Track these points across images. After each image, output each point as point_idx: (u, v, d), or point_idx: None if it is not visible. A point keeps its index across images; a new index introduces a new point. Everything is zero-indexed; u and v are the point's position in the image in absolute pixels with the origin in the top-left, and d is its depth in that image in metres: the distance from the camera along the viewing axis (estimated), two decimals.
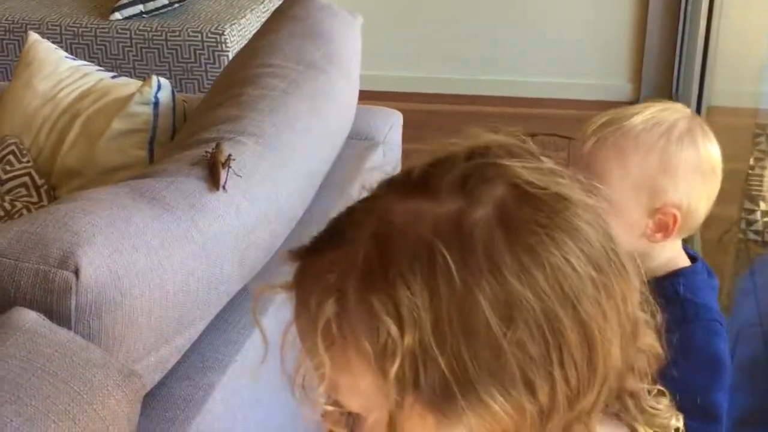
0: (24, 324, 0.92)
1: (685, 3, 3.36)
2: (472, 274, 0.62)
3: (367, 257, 0.65)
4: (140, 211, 1.10)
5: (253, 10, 3.15)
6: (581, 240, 0.66)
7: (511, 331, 0.62)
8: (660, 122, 1.18)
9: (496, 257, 0.63)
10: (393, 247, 0.64)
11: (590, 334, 0.65)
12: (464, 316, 0.62)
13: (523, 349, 0.63)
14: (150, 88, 1.71)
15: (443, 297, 0.62)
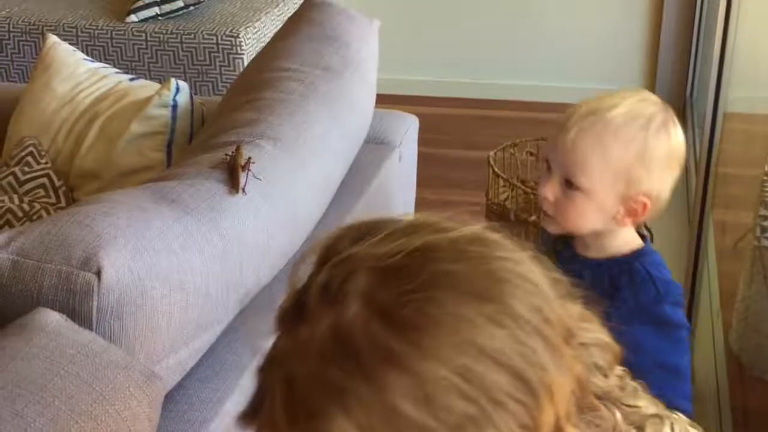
0: (47, 325, 0.93)
1: (700, 10, 3.36)
2: (372, 378, 0.60)
3: (287, 411, 0.64)
4: (161, 214, 1.11)
5: (268, 13, 3.17)
6: (458, 282, 0.62)
7: (436, 409, 0.60)
8: (638, 115, 1.26)
9: (384, 348, 0.60)
10: (300, 395, 0.63)
11: (515, 371, 0.62)
12: (388, 418, 0.60)
13: (458, 416, 0.60)
14: (168, 91, 1.71)
15: (362, 414, 0.60)
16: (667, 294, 1.34)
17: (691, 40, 3.43)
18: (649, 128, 1.26)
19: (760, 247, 2.24)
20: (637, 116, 1.26)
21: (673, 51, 3.48)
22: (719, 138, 2.13)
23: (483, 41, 3.50)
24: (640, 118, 1.26)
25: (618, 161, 1.24)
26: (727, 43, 2.05)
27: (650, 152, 1.25)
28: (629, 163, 1.24)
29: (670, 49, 3.48)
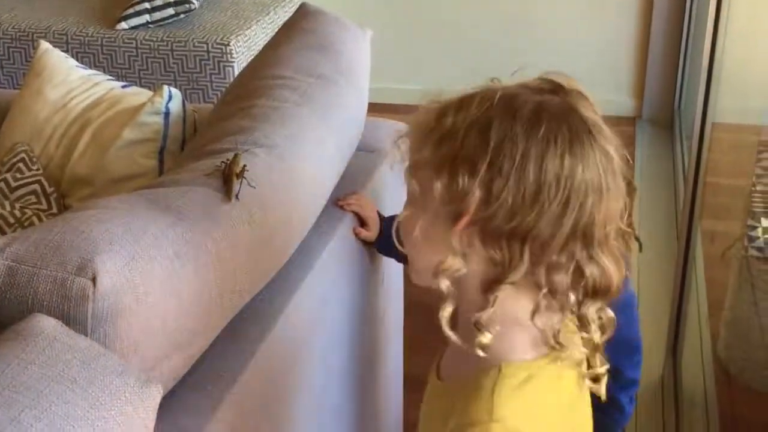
0: (43, 330, 0.93)
1: (688, 20, 3.39)
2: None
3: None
4: (156, 220, 1.11)
5: (259, 21, 3.17)
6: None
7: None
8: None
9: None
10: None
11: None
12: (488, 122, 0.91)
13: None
14: (161, 98, 1.72)
15: (482, 116, 0.93)
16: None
17: (679, 51, 3.46)
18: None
19: (748, 257, 2.26)
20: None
21: (662, 62, 3.50)
22: (707, 148, 2.15)
23: (475, 50, 3.52)
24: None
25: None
26: (716, 53, 2.07)
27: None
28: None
29: (658, 60, 3.51)
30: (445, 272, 0.94)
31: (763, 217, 2.45)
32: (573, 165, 0.91)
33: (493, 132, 0.91)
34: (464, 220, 0.92)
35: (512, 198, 0.90)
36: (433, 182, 0.93)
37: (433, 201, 0.94)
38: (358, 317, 1.65)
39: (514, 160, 0.90)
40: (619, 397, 1.45)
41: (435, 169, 0.93)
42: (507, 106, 0.92)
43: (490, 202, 0.91)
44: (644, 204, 2.98)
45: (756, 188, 2.55)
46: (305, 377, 1.44)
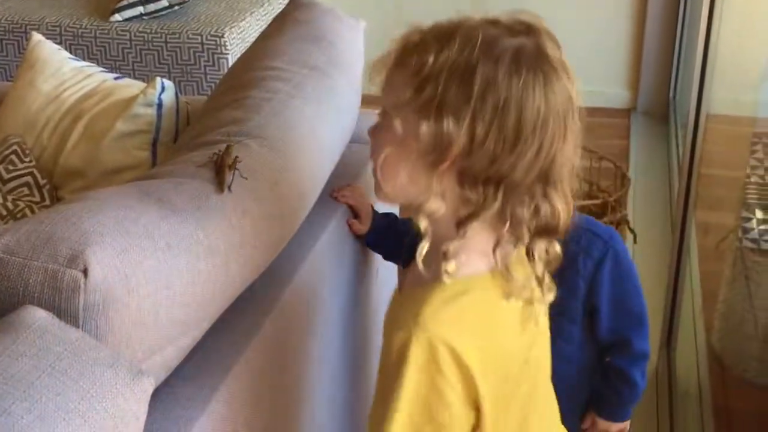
0: (34, 322, 0.93)
1: (683, 14, 3.38)
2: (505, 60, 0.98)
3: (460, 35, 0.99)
4: (148, 212, 1.11)
5: (253, 13, 3.17)
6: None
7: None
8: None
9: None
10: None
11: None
12: (463, 75, 0.96)
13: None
14: (154, 89, 1.71)
15: (463, 57, 0.97)
16: (612, 239, 1.43)
17: (674, 43, 3.45)
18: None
19: (742, 248, 2.26)
20: None
21: (657, 54, 3.50)
22: (702, 139, 2.15)
23: None
24: None
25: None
26: (710, 45, 2.07)
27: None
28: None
29: (653, 52, 3.50)
30: (426, 213, 1.00)
31: (758, 208, 2.45)
32: (546, 112, 0.97)
33: (477, 78, 0.95)
34: (446, 164, 0.97)
35: (494, 145, 0.96)
36: (417, 125, 0.97)
37: (415, 142, 0.98)
38: (352, 309, 1.65)
39: (497, 108, 0.95)
40: (631, 371, 1.46)
41: (418, 112, 0.97)
42: (489, 51, 0.96)
43: (473, 148, 0.96)
44: (639, 195, 2.98)
45: (750, 180, 2.55)
46: (298, 369, 1.44)
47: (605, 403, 1.51)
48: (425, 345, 0.99)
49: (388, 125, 1.01)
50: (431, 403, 1.01)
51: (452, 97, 0.96)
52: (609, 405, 1.51)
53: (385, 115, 1.03)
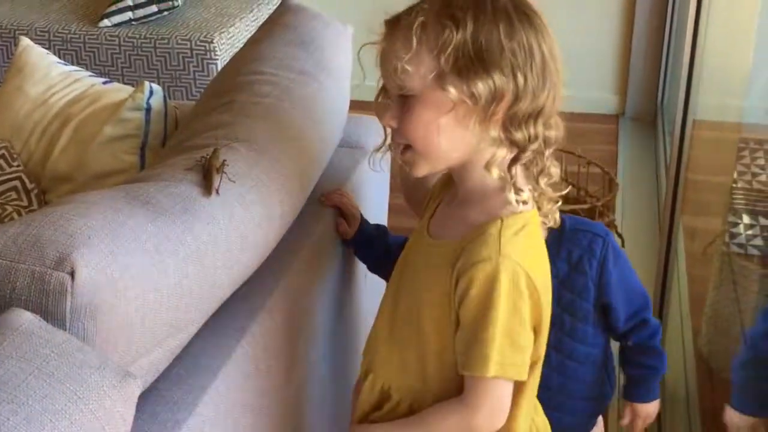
0: (20, 325, 0.93)
1: (671, 18, 3.40)
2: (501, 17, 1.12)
3: (438, 2, 1.12)
4: (135, 215, 1.11)
5: (242, 18, 3.17)
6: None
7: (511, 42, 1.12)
8: None
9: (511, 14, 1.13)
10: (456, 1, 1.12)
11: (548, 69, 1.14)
12: (490, 38, 1.11)
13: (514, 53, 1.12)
14: (142, 93, 1.71)
15: (481, 21, 1.11)
16: (608, 234, 1.45)
17: (662, 48, 3.47)
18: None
19: (729, 253, 2.28)
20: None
21: (644, 61, 3.52)
22: (689, 145, 2.16)
23: None
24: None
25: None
26: (696, 52, 2.09)
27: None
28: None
29: (641, 59, 3.52)
30: (497, 163, 1.16)
31: (745, 213, 2.46)
32: (552, 46, 1.16)
33: (501, 33, 1.12)
34: (499, 114, 1.13)
35: (534, 83, 1.13)
36: (469, 87, 1.11)
37: (469, 103, 1.11)
38: (340, 312, 1.65)
39: (525, 52, 1.12)
40: (655, 343, 1.52)
41: (463, 77, 1.11)
42: (496, 9, 1.13)
43: (519, 93, 1.12)
44: (627, 200, 2.99)
45: (737, 185, 2.56)
46: (286, 372, 1.44)
47: (639, 385, 1.56)
48: (510, 272, 1.13)
49: (423, 103, 1.13)
50: (514, 327, 1.15)
51: (488, 55, 1.11)
52: (644, 384, 1.55)
53: (409, 98, 1.14)
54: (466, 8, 1.11)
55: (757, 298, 2.16)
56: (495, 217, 1.16)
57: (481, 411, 1.18)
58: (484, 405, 1.18)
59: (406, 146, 1.18)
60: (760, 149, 2.76)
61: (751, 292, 2.21)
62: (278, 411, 1.42)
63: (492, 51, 1.11)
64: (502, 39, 1.11)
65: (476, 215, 1.18)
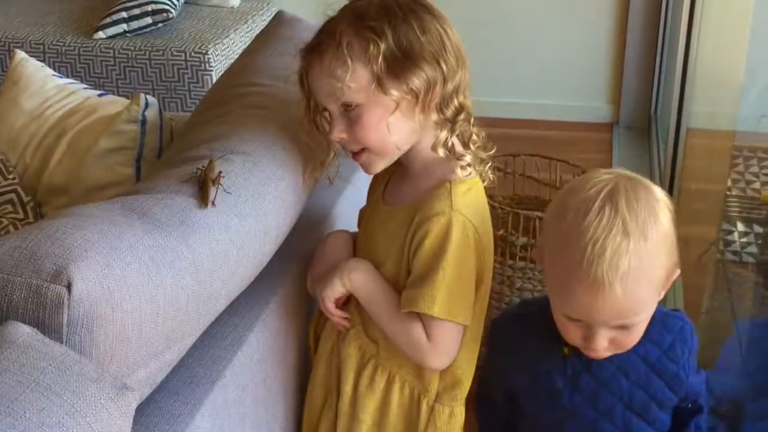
0: (17, 338, 0.93)
1: (663, 27, 3.41)
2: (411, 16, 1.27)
3: (352, 19, 1.27)
4: (131, 227, 1.11)
5: (237, 30, 3.18)
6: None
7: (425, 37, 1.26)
8: (640, 218, 1.15)
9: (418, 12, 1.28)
10: (367, 13, 1.26)
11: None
12: (409, 37, 1.25)
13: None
14: (137, 106, 1.72)
15: (396, 25, 1.25)
16: (685, 316, 1.34)
17: (655, 57, 3.48)
18: (655, 220, 1.16)
19: (723, 261, 2.28)
20: (640, 219, 1.15)
21: (638, 69, 3.53)
22: (683, 153, 2.17)
23: None
24: (646, 219, 1.15)
25: (660, 271, 1.17)
26: (689, 61, 2.10)
27: (670, 237, 1.18)
28: (668, 266, 1.19)
29: (635, 67, 3.53)
30: (443, 143, 1.30)
31: (739, 221, 2.47)
32: (450, 28, 1.31)
33: (416, 30, 1.26)
34: (436, 99, 1.27)
35: (452, 66, 1.28)
36: (407, 84, 1.25)
37: (410, 97, 1.26)
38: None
39: (440, 42, 1.27)
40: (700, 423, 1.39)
41: (398, 76, 1.24)
42: (407, 7, 1.27)
43: (446, 77, 1.28)
44: None
45: (731, 193, 2.57)
46: (282, 382, 1.44)
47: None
48: (461, 225, 1.28)
49: (369, 109, 1.27)
50: (461, 274, 1.29)
51: (412, 51, 1.25)
52: None
53: (354, 109, 1.27)
54: (379, 18, 1.25)
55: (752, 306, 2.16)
56: (444, 181, 1.31)
57: (431, 349, 1.31)
58: (434, 344, 1.31)
59: (360, 150, 1.32)
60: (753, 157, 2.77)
61: (747, 300, 2.21)
62: (275, 422, 1.42)
63: (414, 47, 1.25)
64: (418, 34, 1.26)
65: (427, 183, 1.33)
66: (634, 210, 1.14)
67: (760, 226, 2.40)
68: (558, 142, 3.33)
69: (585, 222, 1.13)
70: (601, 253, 1.11)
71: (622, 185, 1.17)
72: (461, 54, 1.31)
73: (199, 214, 1.20)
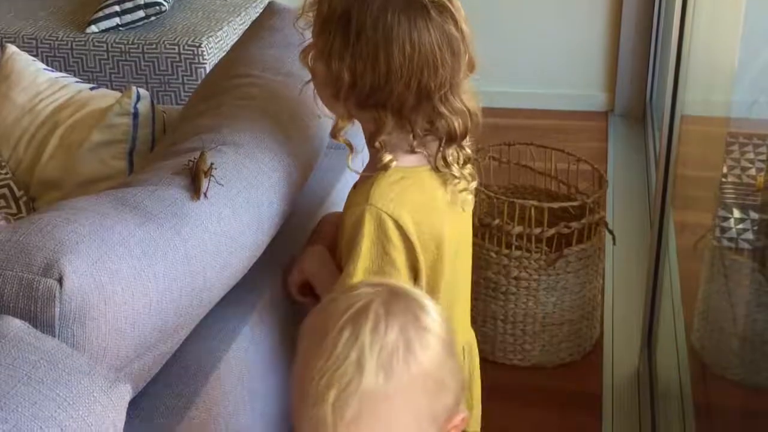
0: (9, 332, 0.93)
1: (658, 15, 3.41)
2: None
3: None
4: (123, 220, 1.11)
5: (230, 22, 3.16)
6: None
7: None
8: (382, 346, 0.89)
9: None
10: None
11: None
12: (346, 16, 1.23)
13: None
14: (129, 99, 1.71)
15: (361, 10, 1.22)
16: None
17: (650, 45, 3.48)
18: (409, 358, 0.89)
19: (720, 247, 2.28)
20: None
21: (633, 57, 3.52)
22: (677, 140, 2.16)
23: None
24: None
25: (417, 425, 0.91)
26: (683, 48, 2.09)
27: (434, 377, 0.91)
28: (432, 413, 0.92)
29: (629, 55, 3.53)
30: (338, 131, 1.35)
31: (735, 208, 2.46)
32: (412, 50, 1.21)
33: (352, 26, 1.21)
34: (341, 96, 1.26)
35: (370, 79, 1.22)
36: (322, 68, 1.26)
37: (321, 80, 1.28)
38: None
39: (368, 50, 1.21)
40: None
41: (319, 57, 1.26)
42: (362, 1, 1.21)
43: (355, 83, 1.23)
44: (617, 197, 2.99)
45: (727, 179, 2.56)
46: (279, 376, 1.44)
47: None
48: (375, 218, 1.24)
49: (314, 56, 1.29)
50: (383, 268, 1.25)
51: (337, 43, 1.23)
52: None
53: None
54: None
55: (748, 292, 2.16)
56: (375, 170, 1.30)
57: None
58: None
59: None
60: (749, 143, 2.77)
61: (743, 286, 2.21)
62: (271, 414, 1.42)
63: (340, 40, 1.23)
64: (351, 31, 1.22)
65: (369, 170, 1.33)
66: (380, 339, 0.88)
67: (756, 212, 2.39)
68: (553, 131, 3.32)
69: (319, 348, 0.89)
70: (325, 391, 0.87)
71: (378, 304, 0.91)
72: (402, 71, 1.21)
73: (192, 206, 1.19)
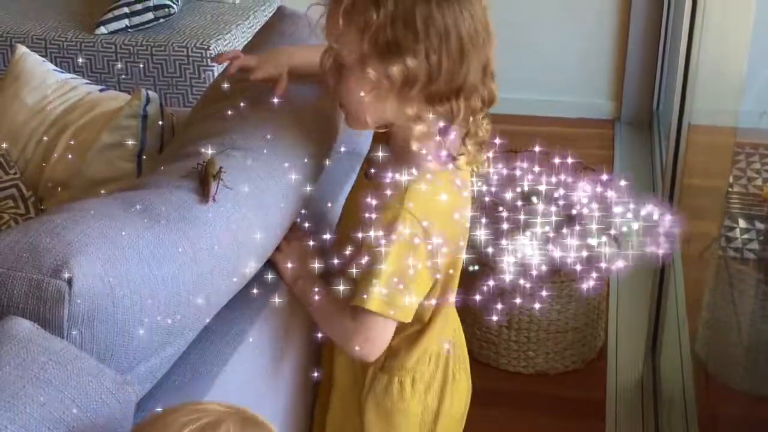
0: (18, 333, 0.93)
1: (666, 23, 3.41)
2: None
3: None
4: (132, 222, 1.11)
5: (239, 25, 3.17)
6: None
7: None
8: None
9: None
10: None
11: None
12: (405, 17, 1.20)
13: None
14: (138, 101, 1.72)
15: (400, 3, 1.19)
16: None
17: (657, 53, 3.48)
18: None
19: (725, 257, 2.28)
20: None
21: (640, 65, 3.53)
22: (684, 150, 2.16)
23: None
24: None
25: None
26: (691, 56, 2.09)
27: None
28: None
29: (637, 63, 3.53)
30: (419, 138, 1.27)
31: (741, 218, 2.46)
32: (475, 26, 1.24)
33: (417, 19, 1.20)
34: (414, 92, 1.23)
35: (447, 65, 1.22)
36: (386, 69, 1.21)
37: (387, 82, 1.22)
38: None
39: (440, 37, 1.21)
40: None
41: (382, 59, 1.21)
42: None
43: (432, 73, 1.22)
44: None
45: (733, 189, 2.56)
46: (284, 378, 1.44)
47: None
48: (408, 223, 1.26)
49: (349, 76, 1.25)
50: (405, 271, 1.27)
51: (404, 39, 1.20)
52: None
53: (344, 67, 1.26)
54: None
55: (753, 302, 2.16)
56: (410, 171, 1.29)
57: (357, 338, 1.31)
58: (360, 334, 1.31)
59: (340, 104, 1.33)
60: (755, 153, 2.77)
61: (748, 296, 2.21)
62: (278, 416, 1.42)
63: (407, 35, 1.20)
64: (418, 23, 1.20)
65: (400, 167, 1.29)
66: None
67: (761, 222, 2.39)
68: (560, 138, 3.33)
69: None
70: None
71: (231, 424, 0.86)
72: (470, 55, 1.24)
73: (200, 210, 1.20)
